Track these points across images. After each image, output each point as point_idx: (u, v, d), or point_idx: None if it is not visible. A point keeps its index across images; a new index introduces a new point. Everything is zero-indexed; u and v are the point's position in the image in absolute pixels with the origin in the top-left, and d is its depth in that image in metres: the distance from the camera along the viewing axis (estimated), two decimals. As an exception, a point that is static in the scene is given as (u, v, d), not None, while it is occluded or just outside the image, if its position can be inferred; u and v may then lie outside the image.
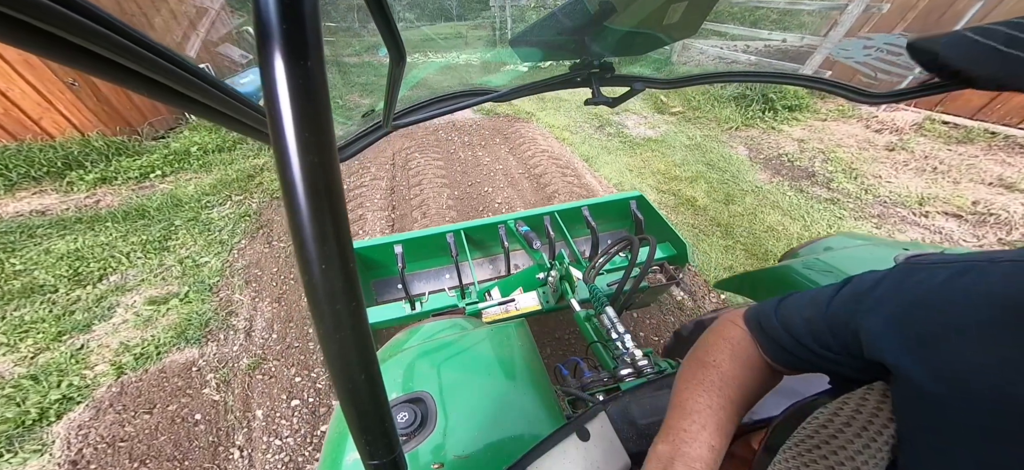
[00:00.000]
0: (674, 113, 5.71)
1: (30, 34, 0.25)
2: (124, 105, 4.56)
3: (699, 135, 5.02)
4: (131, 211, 3.57)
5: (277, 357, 2.44)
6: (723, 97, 5.73)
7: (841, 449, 0.45)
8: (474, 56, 7.73)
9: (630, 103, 5.77)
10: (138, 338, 2.52)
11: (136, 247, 3.20)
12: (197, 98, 0.45)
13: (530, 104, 6.04)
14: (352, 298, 0.26)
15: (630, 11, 0.82)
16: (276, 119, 0.21)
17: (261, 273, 3.05)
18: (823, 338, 0.50)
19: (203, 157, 4.50)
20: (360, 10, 7.41)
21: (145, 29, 0.79)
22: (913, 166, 4.10)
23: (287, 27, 0.20)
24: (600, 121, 5.55)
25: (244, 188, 4.03)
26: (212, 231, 3.43)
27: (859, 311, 0.45)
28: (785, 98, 5.35)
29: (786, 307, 0.56)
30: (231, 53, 5.57)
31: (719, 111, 5.48)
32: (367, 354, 0.29)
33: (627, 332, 1.20)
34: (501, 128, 5.39)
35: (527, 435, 0.81)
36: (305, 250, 0.24)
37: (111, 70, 0.33)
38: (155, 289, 2.87)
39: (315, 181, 0.22)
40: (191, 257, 3.14)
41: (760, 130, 5.10)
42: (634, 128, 5.35)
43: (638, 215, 2.22)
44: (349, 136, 0.98)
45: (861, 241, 1.47)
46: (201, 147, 4.59)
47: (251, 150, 4.65)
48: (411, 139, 5.03)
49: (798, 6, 5.36)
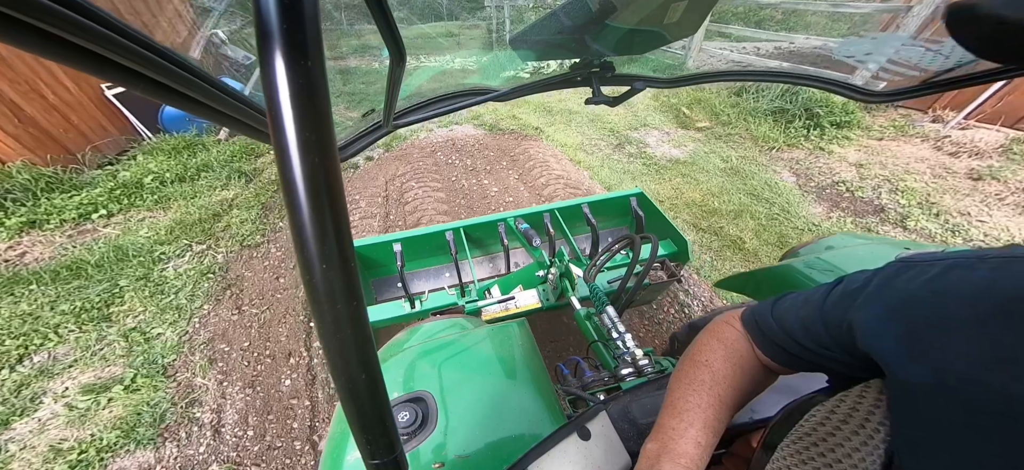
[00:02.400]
0: (701, 128, 5.05)
1: (30, 34, 0.25)
2: (59, 127, 3.70)
3: (734, 156, 4.32)
4: (63, 268, 2.80)
5: (256, 461, 1.93)
6: (757, 111, 5.01)
7: (838, 446, 0.46)
8: (470, 59, 7.61)
9: (650, 117, 5.34)
10: (72, 439, 1.95)
11: (68, 316, 2.51)
12: (198, 98, 0.45)
13: (537, 118, 5.42)
14: (353, 297, 0.26)
15: (630, 10, 0.82)
16: (276, 119, 0.21)
17: (229, 349, 2.43)
18: (818, 336, 0.50)
19: (160, 189, 3.70)
20: (351, 9, 7.34)
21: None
22: (1010, 200, 3.32)
23: (287, 27, 0.20)
24: (618, 138, 4.88)
25: (208, 232, 3.28)
26: (167, 293, 2.74)
27: (852, 307, 0.46)
28: (833, 113, 4.63)
29: (781, 307, 0.57)
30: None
31: (754, 127, 4.79)
32: (368, 353, 0.29)
33: (627, 331, 1.20)
34: (507, 148, 4.68)
35: (528, 434, 0.81)
36: (306, 250, 0.24)
37: (111, 70, 0.33)
38: (93, 372, 2.25)
39: (315, 180, 0.23)
40: (140, 328, 2.49)
41: (806, 151, 4.40)
42: (657, 146, 4.68)
43: (639, 212, 2.22)
44: (349, 135, 0.98)
45: (862, 240, 1.47)
46: (157, 176, 3.77)
47: (218, 179, 3.90)
48: (406, 163, 4.35)
49: (843, 9, 4.86)
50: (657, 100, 5.90)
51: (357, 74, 7.01)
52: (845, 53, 4.60)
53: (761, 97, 5.19)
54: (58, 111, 3.71)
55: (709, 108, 5.37)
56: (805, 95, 4.77)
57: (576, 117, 5.48)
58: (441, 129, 5.14)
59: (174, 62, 0.39)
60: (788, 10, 6.53)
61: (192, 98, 0.44)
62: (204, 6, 4.74)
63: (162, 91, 0.39)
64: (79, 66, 0.30)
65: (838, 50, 4.96)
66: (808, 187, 3.87)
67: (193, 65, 0.43)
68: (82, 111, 3.92)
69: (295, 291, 2.78)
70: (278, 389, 2.24)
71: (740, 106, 5.24)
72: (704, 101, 5.53)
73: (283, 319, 2.61)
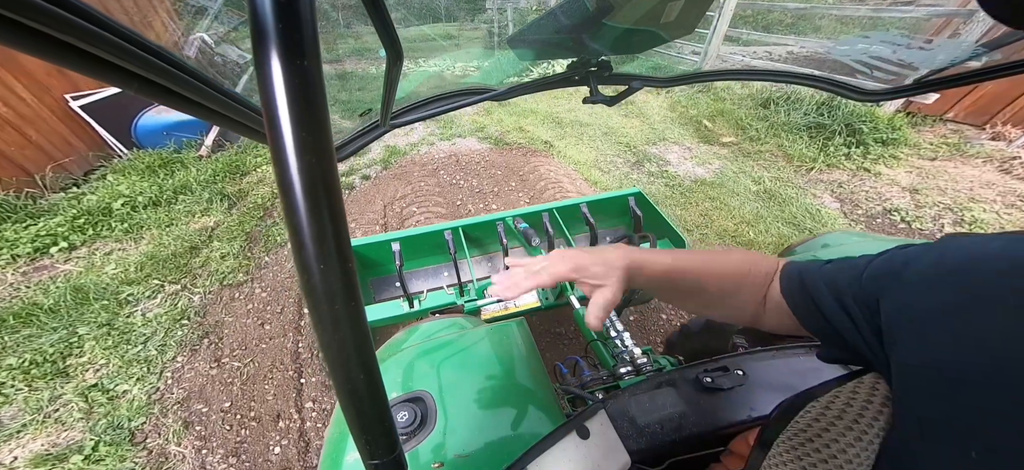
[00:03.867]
0: (726, 144, 4.58)
1: (29, 35, 0.25)
2: (13, 145, 3.24)
3: (767, 177, 3.89)
4: (12, 314, 2.39)
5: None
6: (789, 125, 4.58)
7: (833, 442, 0.46)
8: (472, 64, 7.47)
9: (669, 130, 4.96)
10: (20, 526, 1.63)
11: (16, 372, 2.15)
12: (195, 98, 0.45)
13: (547, 131, 5.01)
14: (351, 297, 0.26)
15: (628, 9, 0.82)
16: (273, 119, 0.21)
17: (208, 410, 2.12)
18: (847, 302, 0.49)
19: (130, 216, 3.23)
20: (347, 9, 7.23)
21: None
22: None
23: (283, 26, 0.20)
24: (635, 154, 4.44)
25: (184, 269, 2.87)
26: (134, 342, 2.35)
27: (891, 279, 0.44)
28: (877, 129, 4.13)
29: (831, 267, 0.56)
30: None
31: (787, 143, 4.35)
32: (366, 353, 0.29)
33: (626, 330, 1.20)
34: (515, 166, 4.24)
35: (527, 433, 0.81)
36: (303, 250, 0.24)
37: (109, 71, 0.33)
38: (46, 438, 1.93)
39: (313, 181, 0.23)
40: (102, 385, 2.15)
41: (848, 172, 3.95)
42: (679, 164, 4.24)
43: (637, 211, 2.22)
44: (346, 135, 0.98)
45: (858, 237, 1.48)
46: (129, 200, 3.31)
47: (197, 203, 3.47)
48: (406, 183, 3.95)
49: (889, 13, 4.55)
50: (675, 112, 5.52)
51: (353, 80, 6.76)
52: (902, 60, 4.11)
53: (793, 110, 4.73)
54: (13, 126, 3.25)
55: (733, 121, 4.91)
56: (846, 108, 4.30)
57: (588, 130, 5.02)
58: (443, 143, 4.76)
59: (169, 62, 0.39)
60: (797, 14, 6.42)
61: (188, 98, 0.44)
62: (199, 6, 4.66)
63: (158, 91, 0.39)
64: (78, 67, 0.30)
65: (894, 57, 4.46)
66: (855, 215, 3.44)
67: (188, 65, 0.43)
68: (42, 126, 3.47)
69: (283, 340, 2.44)
70: (266, 458, 1.94)
71: (769, 120, 4.75)
72: (727, 113, 5.13)
73: (270, 374, 2.28)
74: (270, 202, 3.66)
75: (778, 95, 5.06)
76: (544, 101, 5.86)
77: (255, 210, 3.53)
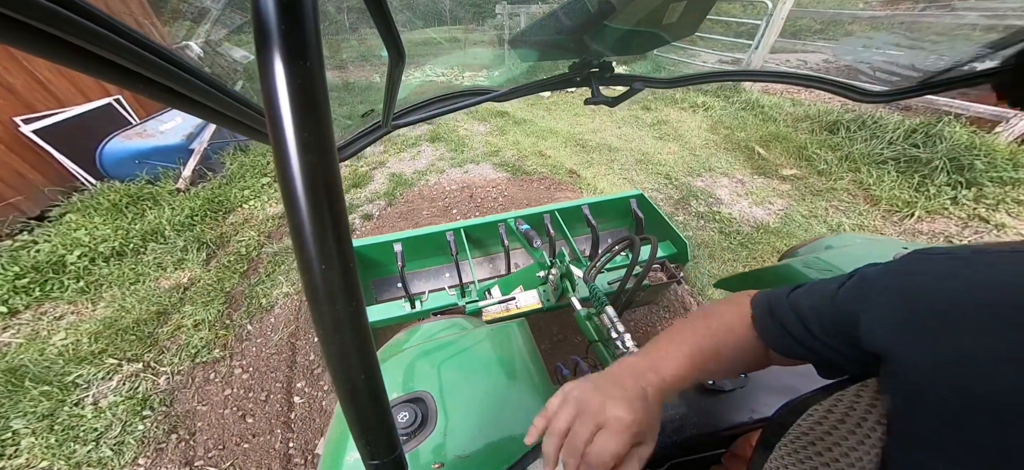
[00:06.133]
0: (787, 177, 3.83)
1: (30, 35, 0.25)
2: None
3: (848, 225, 3.18)
4: None
5: None
6: (869, 156, 3.74)
7: (835, 446, 0.46)
8: (481, 75, 7.15)
9: (715, 158, 4.23)
10: None
11: None
12: (197, 98, 0.45)
13: (570, 156, 4.36)
14: (352, 298, 0.26)
15: (629, 10, 0.82)
16: (275, 119, 0.21)
17: None
18: (827, 326, 0.50)
19: (88, 271, 2.70)
20: (351, 12, 7.17)
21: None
22: None
23: (286, 28, 0.21)
24: (677, 188, 3.73)
25: (148, 341, 2.35)
26: (84, 439, 1.91)
27: (863, 300, 0.46)
28: (995, 165, 3.22)
29: (798, 295, 0.56)
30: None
31: (868, 179, 3.52)
32: (367, 354, 0.29)
33: (627, 331, 1.20)
34: (539, 202, 3.59)
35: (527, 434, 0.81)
36: (305, 250, 0.24)
37: (111, 71, 0.33)
38: None
39: (314, 181, 0.23)
40: None
41: (957, 221, 3.09)
42: (732, 202, 3.51)
43: (638, 213, 2.22)
44: (348, 136, 0.98)
45: (861, 239, 1.48)
46: (87, 251, 2.77)
47: (169, 252, 2.93)
48: (414, 224, 3.41)
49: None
50: (717, 134, 4.76)
51: (355, 91, 6.55)
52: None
53: (873, 138, 3.89)
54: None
55: (792, 148, 4.13)
56: (948, 138, 3.53)
57: (618, 155, 4.27)
58: (454, 170, 4.20)
59: (172, 62, 0.39)
60: (826, 20, 6.19)
61: (190, 98, 0.44)
62: (202, 7, 4.63)
63: (160, 91, 0.39)
64: (79, 67, 0.30)
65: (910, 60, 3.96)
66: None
67: (192, 66, 0.43)
68: (-13, 158, 2.84)
69: (269, 438, 1.98)
70: None
71: (840, 148, 3.96)
72: (783, 137, 4.34)
73: (254, 483, 1.83)
74: (256, 251, 3.08)
75: (848, 118, 4.30)
76: (564, 118, 5.44)
77: (238, 262, 2.94)
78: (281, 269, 2.91)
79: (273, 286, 2.77)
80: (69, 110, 3.42)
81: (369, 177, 4.17)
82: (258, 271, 2.93)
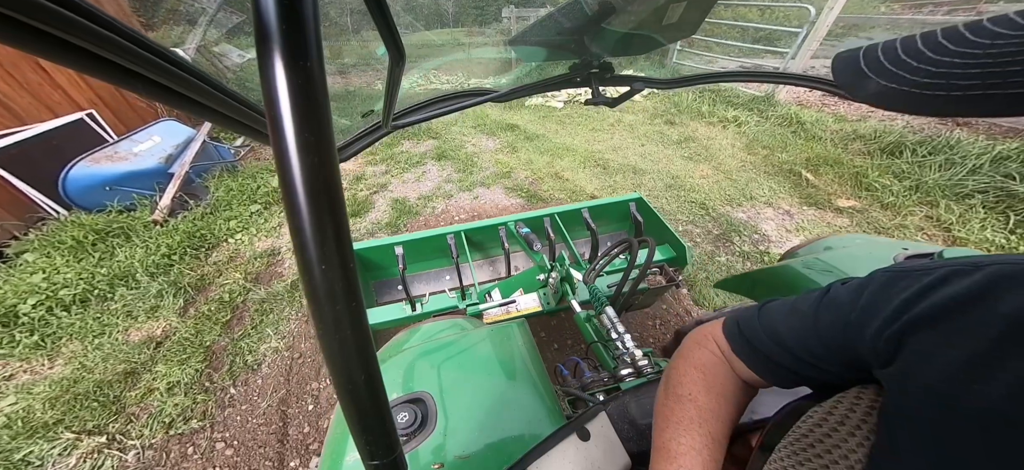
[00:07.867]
0: (843, 209, 3.31)
1: (30, 35, 0.25)
2: None
3: None
4: None
5: None
6: (944, 186, 3.21)
7: (835, 448, 0.46)
8: (487, 83, 7.30)
9: (755, 183, 3.73)
10: None
11: None
12: (197, 99, 0.45)
13: (590, 180, 3.93)
14: (352, 298, 0.26)
15: (629, 11, 0.82)
16: (276, 120, 0.21)
17: None
18: (811, 347, 0.50)
19: (44, 323, 2.33)
20: (353, 14, 7.15)
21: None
22: None
23: (287, 28, 0.21)
24: (715, 221, 3.25)
25: (114, 407, 2.00)
26: None
27: (848, 316, 0.46)
28: None
29: (768, 315, 0.55)
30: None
31: (947, 215, 3.02)
32: (367, 354, 0.29)
33: (627, 332, 1.20)
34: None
35: (527, 435, 0.81)
36: (305, 251, 0.24)
37: (110, 71, 0.33)
38: None
39: (315, 182, 0.23)
40: None
41: None
42: (781, 240, 3.03)
43: (637, 217, 2.22)
44: (348, 137, 0.98)
45: (861, 240, 1.47)
46: (45, 298, 2.40)
47: (141, 298, 2.56)
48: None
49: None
50: (755, 154, 4.26)
51: (356, 99, 6.37)
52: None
53: (952, 165, 3.33)
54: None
55: (847, 173, 3.61)
56: None
57: (645, 178, 3.82)
58: (463, 194, 3.81)
59: (171, 62, 0.39)
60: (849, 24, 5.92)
61: (190, 98, 0.44)
62: (201, 7, 4.60)
63: (160, 91, 0.39)
64: (79, 67, 0.30)
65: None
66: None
67: (192, 66, 0.43)
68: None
69: None
70: None
71: (907, 176, 3.42)
72: (834, 161, 3.83)
73: None
74: (241, 297, 2.66)
75: (914, 140, 3.72)
76: (580, 134, 5.04)
77: (220, 311, 2.54)
78: (269, 319, 2.51)
79: (260, 340, 2.38)
80: (31, 129, 3.01)
81: (370, 203, 3.76)
82: (243, 321, 2.53)
